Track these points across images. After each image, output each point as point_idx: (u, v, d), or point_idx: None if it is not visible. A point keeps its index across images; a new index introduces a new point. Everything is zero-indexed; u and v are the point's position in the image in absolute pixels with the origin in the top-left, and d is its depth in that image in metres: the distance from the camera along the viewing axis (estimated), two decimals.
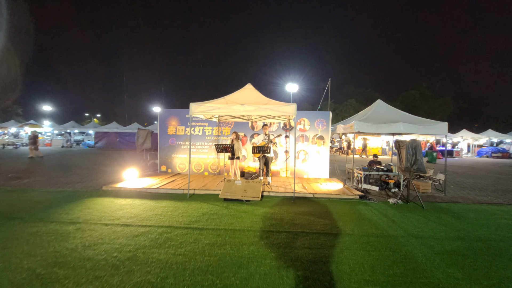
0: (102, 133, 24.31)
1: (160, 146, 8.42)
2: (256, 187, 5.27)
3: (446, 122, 6.17)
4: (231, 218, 4.16)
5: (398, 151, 5.16)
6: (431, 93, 31.49)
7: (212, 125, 8.19)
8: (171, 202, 5.02)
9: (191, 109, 5.41)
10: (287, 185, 6.60)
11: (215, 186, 6.30)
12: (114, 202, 4.96)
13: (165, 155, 8.40)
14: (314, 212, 4.57)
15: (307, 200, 5.38)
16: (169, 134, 8.38)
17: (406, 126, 6.16)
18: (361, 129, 6.27)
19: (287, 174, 7.96)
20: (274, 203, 5.12)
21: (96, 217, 4.04)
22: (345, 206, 4.98)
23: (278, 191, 5.84)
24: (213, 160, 8.21)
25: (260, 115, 6.83)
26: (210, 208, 4.70)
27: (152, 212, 4.37)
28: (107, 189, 5.99)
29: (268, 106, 5.27)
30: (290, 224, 3.92)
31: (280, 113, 5.29)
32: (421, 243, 3.33)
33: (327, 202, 5.25)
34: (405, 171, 5.04)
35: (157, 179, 7.14)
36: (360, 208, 4.85)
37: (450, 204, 5.36)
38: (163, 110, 8.46)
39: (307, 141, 7.92)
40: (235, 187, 5.34)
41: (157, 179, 7.14)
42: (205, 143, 8.23)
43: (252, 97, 5.80)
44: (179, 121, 8.33)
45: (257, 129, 8.11)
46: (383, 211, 4.73)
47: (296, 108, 5.22)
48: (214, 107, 5.38)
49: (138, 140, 8.18)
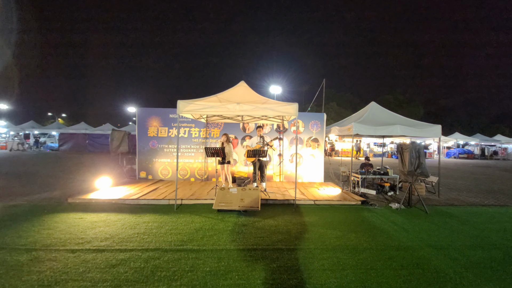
0: (68, 134, 21.98)
1: (139, 149, 7.51)
2: (254, 196, 4.73)
3: (439, 125, 6.19)
4: (230, 234, 3.57)
5: (400, 155, 4.98)
6: (404, 98, 33.60)
7: (199, 126, 7.49)
8: (156, 216, 4.29)
9: (179, 107, 4.73)
10: (283, 191, 6.15)
11: (205, 194, 5.64)
12: (83, 218, 4.11)
13: (145, 159, 7.50)
14: (321, 222, 4.16)
15: (309, 208, 4.96)
16: (149, 136, 7.50)
17: (403, 129, 6.07)
18: (359, 131, 6.05)
19: (281, 179, 7.53)
20: (275, 212, 4.62)
21: (60, 241, 3.21)
22: (350, 214, 4.65)
23: (276, 198, 5.35)
24: (200, 164, 7.50)
25: (256, 115, 6.32)
26: (204, 222, 4.06)
27: (132, 231, 3.62)
28: (73, 201, 5.04)
29: (267, 105, 4.79)
30: (299, 238, 3.45)
31: (280, 113, 4.83)
32: (445, 256, 3.05)
33: (330, 210, 4.88)
34: (408, 175, 4.86)
35: (136, 187, 6.27)
36: (366, 216, 4.55)
37: (449, 208, 5.29)
38: (142, 109, 7.56)
39: (301, 143, 7.57)
40: (230, 196, 4.75)
41: (136, 187, 6.27)
42: (191, 146, 7.50)
43: (247, 96, 5.27)
44: (161, 122, 7.50)
45: (249, 131, 7.58)
46: (390, 217, 4.47)
47: (297, 108, 4.81)
48: (206, 106, 4.76)
49: (113, 143, 7.19)
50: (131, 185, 6.49)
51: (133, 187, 6.23)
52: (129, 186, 6.42)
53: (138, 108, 7.55)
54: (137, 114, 7.51)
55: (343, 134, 6.75)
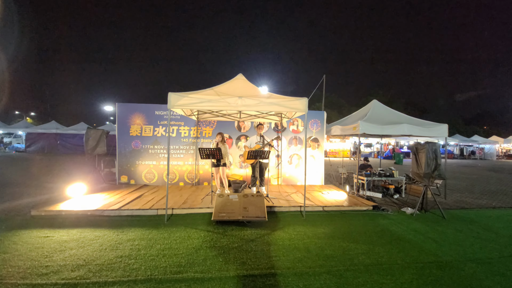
0: (36, 134, 19.89)
1: (120, 150, 6.59)
2: (259, 203, 4.12)
3: (446, 124, 5.99)
4: (238, 253, 2.94)
5: (415, 155, 4.63)
6: (386, 100, 34.68)
7: (189, 124, 6.73)
8: (143, 231, 3.53)
9: (170, 101, 4.00)
10: (286, 196, 5.60)
11: (199, 201, 4.93)
12: (50, 237, 3.26)
13: (127, 162, 6.60)
14: (338, 233, 3.64)
15: (318, 216, 4.45)
16: (132, 136, 6.61)
17: (410, 128, 5.78)
18: (366, 130, 5.67)
19: (279, 182, 6.98)
20: (283, 222, 4.05)
21: (18, 271, 2.40)
22: (365, 221, 4.20)
23: (280, 204, 4.78)
24: (190, 167, 6.74)
25: (261, 111, 5.73)
26: (203, 237, 3.38)
27: (114, 253, 2.87)
28: (38, 214, 4.12)
29: (272, 100, 4.20)
30: (322, 256, 2.90)
31: (288, 109, 4.27)
32: (492, 272, 2.65)
33: (342, 217, 4.40)
34: (424, 178, 4.51)
35: (117, 194, 5.40)
36: (383, 224, 4.11)
37: (462, 211, 5.04)
38: (123, 105, 6.65)
39: (301, 143, 7.08)
40: (231, 204, 4.10)
41: (116, 194, 5.39)
42: (181, 146, 6.71)
43: (247, 90, 4.65)
44: (145, 119, 6.64)
45: (245, 130, 6.95)
46: (409, 225, 4.08)
47: (307, 104, 4.28)
48: (203, 100, 4.08)
49: (89, 143, 6.22)
50: (111, 192, 5.59)
51: (113, 195, 5.35)
52: (108, 193, 5.52)
53: (118, 104, 6.62)
54: (117, 111, 6.58)
55: (347, 133, 6.35)
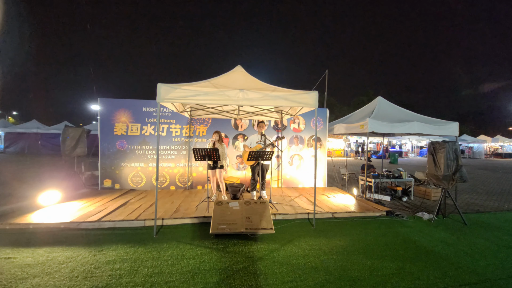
0: (16, 134, 18.55)
1: (103, 151, 5.88)
2: (264, 212, 3.59)
3: (456, 122, 5.65)
4: (245, 277, 2.40)
5: (432, 155, 4.23)
6: None
7: (181, 122, 6.10)
8: (126, 249, 2.93)
9: (160, 93, 3.40)
10: (289, 200, 5.10)
11: (193, 209, 4.34)
12: (12, 259, 2.61)
13: (111, 164, 5.90)
14: (356, 246, 3.17)
15: (329, 224, 3.97)
16: (116, 135, 5.92)
17: (420, 126, 5.41)
18: (375, 128, 5.24)
19: (279, 184, 6.47)
20: (291, 233, 3.53)
21: None
22: (382, 230, 3.75)
23: (285, 212, 4.27)
24: (183, 169, 6.12)
25: (265, 106, 5.20)
26: (200, 256, 2.82)
27: (88, 282, 2.26)
28: (2, 228, 3.43)
29: (279, 93, 3.68)
30: (346, 279, 2.40)
31: (296, 104, 3.76)
32: None
33: (355, 225, 3.94)
34: (443, 180, 4.12)
35: (98, 202, 4.72)
36: (403, 232, 3.68)
37: (480, 216, 4.70)
38: (107, 101, 5.94)
39: (302, 143, 6.60)
40: (232, 213, 3.55)
41: (97, 202, 4.72)
42: (172, 146, 6.08)
43: (248, 83, 4.10)
44: (132, 117, 5.96)
45: (242, 128, 6.39)
46: (432, 234, 3.66)
47: (317, 98, 3.78)
48: (199, 92, 3.50)
49: (66, 143, 5.48)
50: (91, 199, 4.90)
51: (93, 202, 4.67)
52: (87, 200, 4.83)
53: (101, 99, 5.91)
54: (100, 107, 5.87)
55: (353, 132, 5.92)
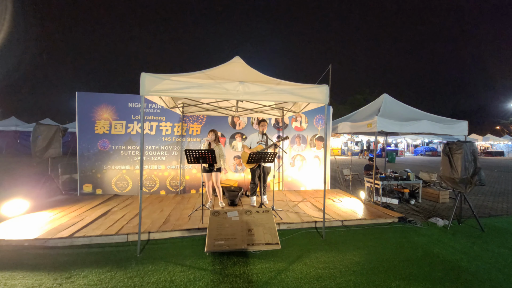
0: None
1: (82, 152, 5.24)
2: (268, 223, 3.11)
3: (466, 121, 5.35)
4: None
5: (448, 157, 3.86)
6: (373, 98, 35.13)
7: (172, 119, 5.52)
8: (101, 275, 2.38)
9: (144, 84, 2.84)
10: (292, 206, 4.64)
11: (185, 219, 3.81)
12: None
13: (91, 166, 5.26)
14: (374, 261, 2.74)
15: (340, 234, 3.53)
16: (98, 134, 5.28)
17: (430, 125, 5.07)
18: (384, 127, 4.85)
19: (280, 187, 6.01)
20: (299, 246, 3.07)
21: None
22: (398, 240, 3.35)
23: (291, 220, 3.80)
24: (174, 172, 5.56)
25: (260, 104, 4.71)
26: (192, 281, 2.31)
27: None
28: None
29: (284, 87, 3.19)
30: None
31: (304, 100, 3.28)
32: None
33: (368, 234, 3.52)
34: (460, 183, 3.76)
35: (74, 211, 4.11)
36: (420, 243, 3.29)
37: (494, 220, 4.40)
38: (86, 95, 5.28)
39: (305, 143, 6.15)
40: (231, 225, 3.04)
41: (73, 211, 4.11)
42: (161, 146, 5.50)
43: (248, 75, 3.60)
44: (115, 113, 5.33)
45: (240, 127, 5.87)
46: (452, 244, 3.29)
47: (328, 93, 3.32)
48: (191, 84, 2.96)
49: (37, 143, 4.80)
50: (66, 208, 4.28)
51: (67, 212, 4.06)
52: (61, 209, 4.21)
53: (79, 93, 5.24)
54: (78, 101, 5.21)
55: (359, 131, 5.52)
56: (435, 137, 23.57)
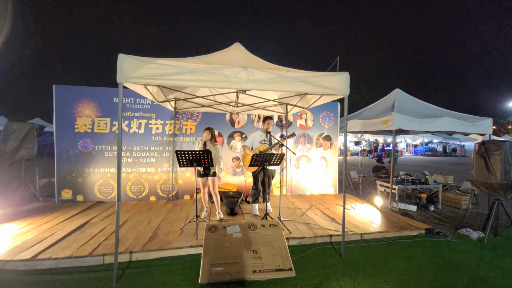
0: None
1: (60, 153, 4.60)
2: (276, 241, 2.54)
3: (490, 119, 4.85)
4: None
5: (485, 158, 3.34)
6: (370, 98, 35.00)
7: (163, 116, 4.92)
8: None
9: (122, 69, 2.25)
10: (300, 214, 4.07)
11: (176, 232, 3.21)
12: None
13: (71, 169, 4.63)
14: None
15: (360, 250, 2.98)
16: (78, 132, 4.65)
17: (452, 123, 4.57)
18: (403, 125, 4.33)
19: (283, 192, 5.44)
20: (316, 271, 2.50)
21: None
22: (433, 260, 2.80)
23: (301, 234, 3.23)
24: (165, 175, 4.95)
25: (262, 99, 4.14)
26: None
27: None
28: None
29: (296, 74, 2.62)
30: None
31: (320, 90, 2.72)
32: None
33: (395, 252, 2.97)
34: (500, 189, 3.24)
35: (46, 223, 3.49)
36: (460, 263, 2.75)
37: None
38: (65, 88, 4.65)
39: (310, 143, 5.59)
40: (232, 244, 2.46)
41: (45, 223, 3.48)
42: (151, 147, 4.89)
43: (250, 63, 3.01)
44: (99, 109, 4.71)
45: (240, 124, 5.29)
46: (498, 263, 2.75)
47: (348, 82, 2.76)
48: (183, 69, 2.37)
49: (8, 144, 4.16)
50: (38, 218, 3.65)
51: (37, 224, 3.44)
52: (31, 220, 3.58)
53: (57, 87, 4.61)
54: (55, 96, 4.57)
55: (372, 129, 4.99)
56: (435, 137, 23.29)
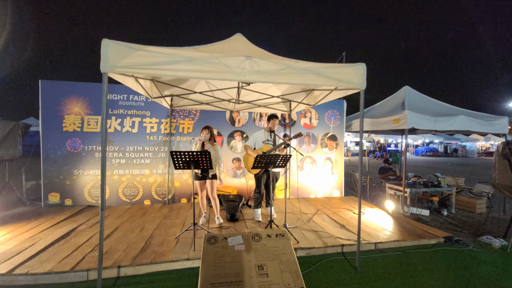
0: None
1: (46, 154, 4.27)
2: (285, 253, 2.23)
3: (506, 117, 4.58)
4: None
5: (509, 160, 3.06)
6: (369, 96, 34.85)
7: (158, 114, 4.60)
8: None
9: (107, 56, 1.93)
10: (307, 220, 3.78)
11: (171, 242, 2.90)
12: None
13: (58, 171, 4.30)
14: None
15: (376, 261, 2.68)
16: (66, 131, 4.32)
17: (467, 122, 4.28)
18: (416, 124, 4.04)
19: (287, 194, 5.14)
20: (327, 286, 2.20)
21: None
22: (457, 272, 2.51)
23: (310, 244, 2.93)
24: (161, 177, 4.63)
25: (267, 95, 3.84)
26: None
27: None
28: None
29: (307, 65, 2.32)
30: None
31: (334, 82, 2.42)
32: None
33: (413, 264, 2.68)
34: None
35: (28, 231, 3.16)
36: (486, 275, 2.46)
37: None
38: (51, 84, 4.31)
39: (315, 143, 5.29)
40: (233, 258, 2.15)
41: (27, 231, 3.16)
42: (146, 147, 4.56)
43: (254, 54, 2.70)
44: (89, 107, 4.38)
45: (240, 123, 4.98)
46: None
47: (365, 74, 2.47)
48: (178, 58, 2.06)
49: None
50: (20, 225, 3.32)
51: (19, 232, 3.11)
52: (12, 227, 3.25)
53: (43, 82, 4.27)
54: (41, 92, 4.24)
55: (381, 128, 4.70)
56: (435, 137, 23.07)
